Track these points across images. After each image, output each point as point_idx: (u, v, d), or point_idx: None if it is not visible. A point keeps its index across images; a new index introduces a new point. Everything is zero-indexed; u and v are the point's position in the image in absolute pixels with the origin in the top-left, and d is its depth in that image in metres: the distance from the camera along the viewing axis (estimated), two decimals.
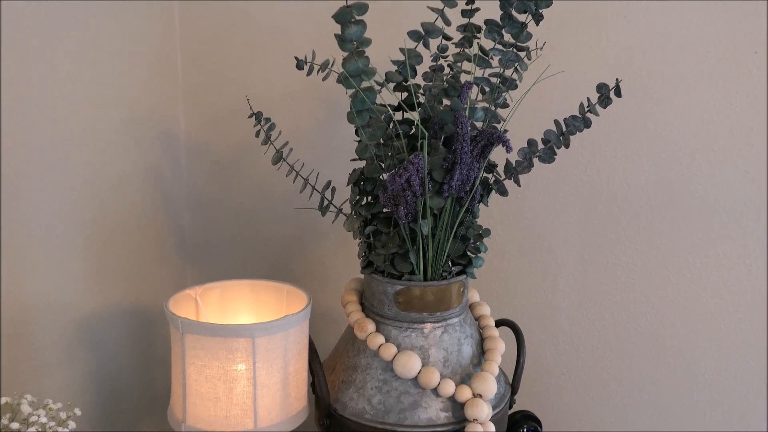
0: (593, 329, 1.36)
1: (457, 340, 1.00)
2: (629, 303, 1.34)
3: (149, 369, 1.28)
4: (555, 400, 1.40)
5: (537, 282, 1.34)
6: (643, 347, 1.36)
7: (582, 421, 1.41)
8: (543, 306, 1.35)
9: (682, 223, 1.29)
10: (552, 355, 1.38)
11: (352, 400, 0.99)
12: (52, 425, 0.90)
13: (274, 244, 1.38)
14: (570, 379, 1.39)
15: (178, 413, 0.98)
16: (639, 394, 1.39)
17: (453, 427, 0.97)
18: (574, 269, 1.34)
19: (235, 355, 0.93)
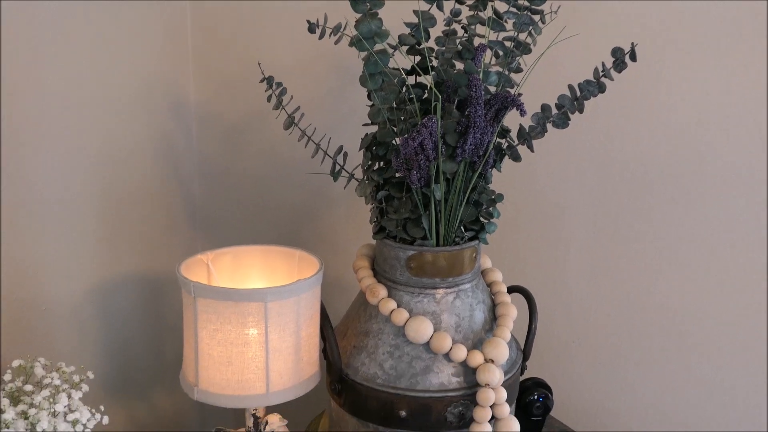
0: (605, 298, 1.36)
1: (469, 305, 1.00)
2: (641, 272, 1.34)
3: (161, 336, 1.28)
4: (566, 368, 1.39)
5: (549, 250, 1.34)
6: (655, 317, 1.36)
7: (592, 389, 1.41)
8: (554, 274, 1.35)
9: (695, 193, 1.28)
10: (563, 324, 1.38)
11: (363, 365, 0.99)
12: (66, 387, 0.90)
13: (285, 212, 1.38)
14: (581, 347, 1.39)
15: (190, 377, 0.98)
16: (650, 364, 1.38)
17: (464, 392, 0.97)
18: (587, 237, 1.33)
19: (247, 319, 0.93)
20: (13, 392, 0.91)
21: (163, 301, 1.28)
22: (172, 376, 1.27)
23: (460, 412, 0.97)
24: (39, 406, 0.87)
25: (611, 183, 1.30)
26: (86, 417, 0.89)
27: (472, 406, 0.96)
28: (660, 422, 1.42)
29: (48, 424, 0.85)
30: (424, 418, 0.97)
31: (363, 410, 0.99)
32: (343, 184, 1.06)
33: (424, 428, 0.97)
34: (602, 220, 1.32)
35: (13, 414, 0.85)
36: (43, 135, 1.04)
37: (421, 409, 0.96)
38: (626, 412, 1.42)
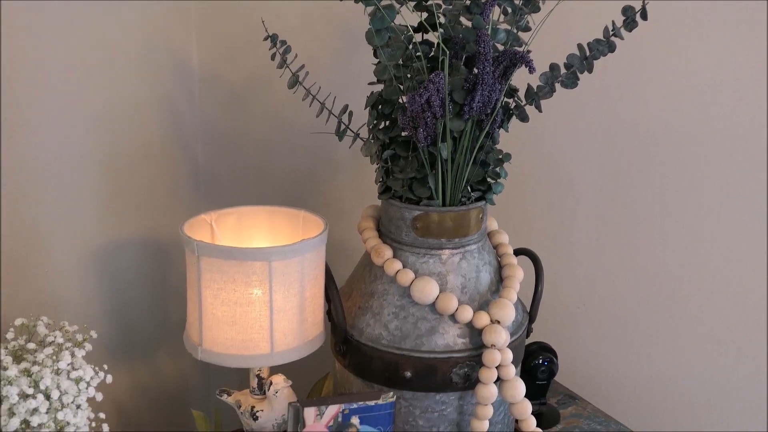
0: (611, 263, 1.35)
1: (475, 266, 0.99)
2: (648, 238, 1.33)
3: (164, 300, 1.28)
4: (571, 333, 1.39)
5: (555, 214, 1.33)
6: (661, 283, 1.35)
7: (597, 355, 1.41)
8: (560, 238, 1.34)
9: (704, 158, 1.27)
10: (569, 289, 1.37)
11: (368, 326, 0.99)
12: (69, 346, 0.90)
13: (289, 176, 1.37)
14: (586, 312, 1.38)
15: (194, 337, 0.97)
16: (655, 330, 1.38)
17: (470, 353, 0.96)
18: (594, 202, 1.32)
19: (251, 278, 0.92)
20: (15, 350, 0.90)
21: (167, 264, 1.27)
22: (175, 340, 1.26)
23: (465, 373, 0.96)
24: (42, 364, 0.86)
25: (619, 147, 1.28)
26: (90, 375, 0.88)
27: (478, 368, 0.96)
28: (665, 389, 1.41)
29: (51, 381, 0.84)
30: (429, 379, 0.96)
31: (368, 371, 0.98)
32: (348, 145, 1.05)
33: (429, 389, 0.97)
34: (609, 185, 1.30)
35: (16, 371, 0.84)
36: (43, 96, 1.03)
37: (426, 370, 0.96)
38: (631, 379, 1.42)
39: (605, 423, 1.29)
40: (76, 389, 0.86)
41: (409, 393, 0.97)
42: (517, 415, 0.97)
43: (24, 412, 0.83)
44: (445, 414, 0.98)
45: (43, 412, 0.84)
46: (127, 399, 1.25)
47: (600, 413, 1.32)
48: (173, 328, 1.27)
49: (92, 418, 0.90)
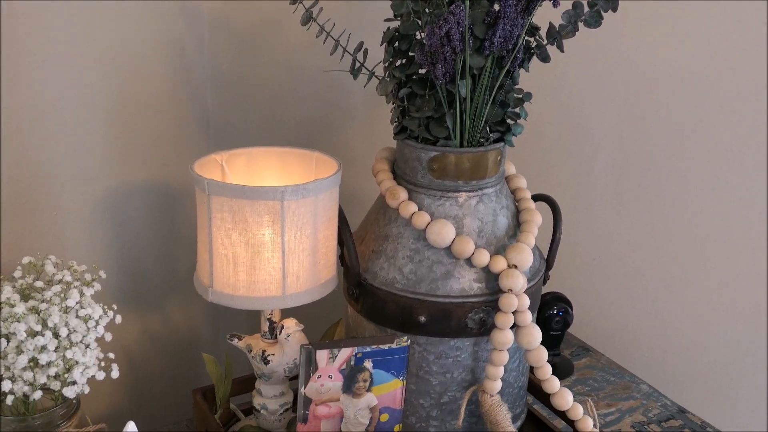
0: (628, 215, 1.32)
1: (492, 210, 0.96)
2: (666, 190, 1.30)
3: (173, 248, 1.26)
4: (585, 285, 1.37)
5: (572, 163, 1.30)
6: (677, 236, 1.33)
7: (611, 307, 1.39)
8: (577, 188, 1.31)
9: (725, 107, 1.23)
10: (584, 240, 1.35)
11: (382, 269, 0.96)
12: (77, 285, 0.88)
13: (300, 124, 1.34)
14: (601, 264, 1.36)
15: (204, 279, 0.95)
16: (671, 284, 1.36)
17: (486, 299, 0.94)
18: (612, 152, 1.29)
19: (263, 218, 0.89)
20: (23, 289, 0.88)
21: (176, 212, 1.25)
22: (185, 288, 1.25)
23: (480, 319, 0.94)
24: (50, 302, 0.84)
25: (638, 96, 1.25)
26: (98, 313, 0.86)
27: (494, 313, 0.94)
28: (678, 343, 1.40)
29: (59, 319, 0.83)
30: (444, 324, 0.94)
31: (381, 315, 0.96)
32: (363, 84, 1.02)
33: (443, 334, 0.95)
34: (628, 135, 1.27)
35: (24, 309, 0.83)
36: (50, 39, 1.00)
37: (441, 314, 0.94)
38: (645, 332, 1.40)
39: (619, 375, 1.28)
40: (85, 328, 0.85)
41: (423, 338, 0.95)
42: (533, 363, 0.96)
43: (32, 350, 0.81)
44: (459, 360, 0.96)
45: (52, 350, 0.82)
46: (136, 346, 1.24)
47: (614, 365, 1.30)
48: (182, 277, 1.26)
49: (101, 358, 0.88)
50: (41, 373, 0.82)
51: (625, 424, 1.17)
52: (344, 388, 0.90)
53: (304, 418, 0.90)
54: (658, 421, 1.18)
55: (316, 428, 0.91)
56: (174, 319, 1.28)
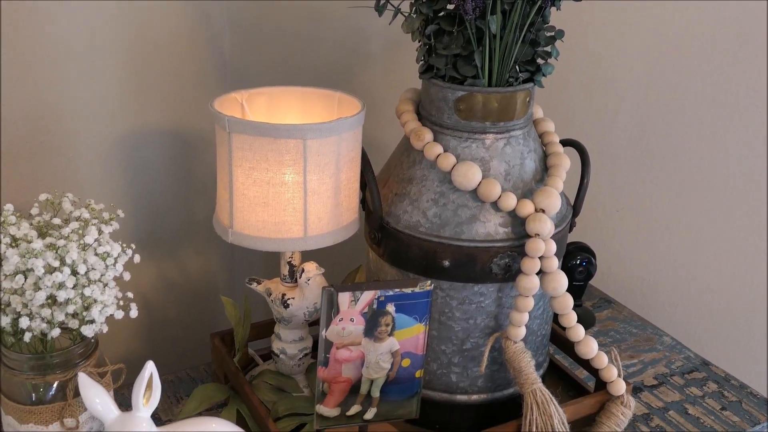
0: (651, 166, 1.29)
1: (519, 153, 0.94)
2: (691, 142, 1.27)
3: (190, 196, 1.24)
4: (608, 237, 1.35)
5: (597, 113, 1.27)
6: (702, 188, 1.30)
7: (634, 260, 1.37)
8: (601, 136, 1.28)
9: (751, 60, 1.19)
10: (607, 191, 1.32)
11: (406, 212, 0.94)
12: (95, 222, 0.86)
13: (319, 70, 1.31)
14: (624, 216, 1.33)
15: (224, 220, 0.93)
16: (695, 237, 1.33)
17: (512, 243, 0.92)
18: (637, 101, 1.25)
19: (284, 157, 0.87)
20: (40, 226, 0.86)
21: (193, 159, 1.23)
22: (202, 236, 1.23)
23: (506, 264, 0.92)
24: (68, 239, 0.83)
25: (666, 47, 1.21)
26: (117, 251, 0.84)
27: (519, 258, 0.92)
28: (701, 297, 1.37)
29: (77, 256, 0.81)
30: (468, 269, 0.92)
31: (404, 260, 0.94)
32: (388, 22, 0.98)
33: (467, 279, 0.93)
34: (654, 85, 1.24)
35: (41, 245, 0.81)
36: None
37: (465, 259, 0.92)
38: (667, 285, 1.38)
39: (642, 327, 1.26)
40: (103, 265, 0.83)
41: (447, 283, 0.93)
42: (558, 310, 0.94)
43: (50, 286, 0.80)
44: (482, 306, 0.94)
45: (70, 288, 0.81)
46: (153, 293, 1.23)
47: (636, 317, 1.28)
48: (199, 224, 1.24)
49: (120, 297, 0.87)
50: (59, 310, 0.81)
51: (648, 376, 1.16)
52: (366, 332, 0.88)
53: (324, 361, 0.88)
54: (681, 373, 1.16)
55: (337, 372, 0.89)
56: (191, 266, 1.26)
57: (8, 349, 0.85)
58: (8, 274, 0.81)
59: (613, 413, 0.98)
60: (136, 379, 0.83)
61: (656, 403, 1.10)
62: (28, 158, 1.03)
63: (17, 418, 0.86)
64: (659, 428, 1.06)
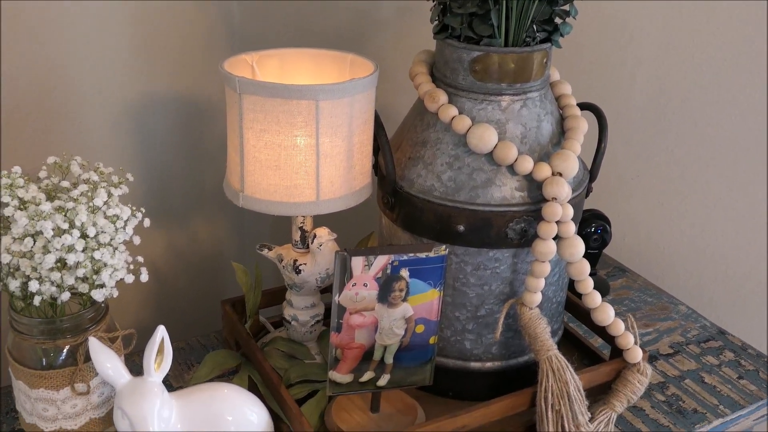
0: (669, 132, 1.27)
1: (536, 115, 0.92)
2: (710, 108, 1.24)
3: (199, 165, 1.22)
4: (622, 204, 1.33)
5: (614, 77, 1.24)
6: (721, 155, 1.27)
7: (649, 227, 1.35)
8: (617, 102, 1.26)
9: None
10: (624, 158, 1.30)
11: (420, 176, 0.92)
12: (104, 185, 0.84)
13: (330, 35, 1.28)
14: (640, 183, 1.31)
15: (235, 183, 0.92)
16: (712, 205, 1.31)
17: (528, 208, 0.90)
18: (654, 64, 1.23)
19: (296, 119, 0.85)
20: (49, 189, 0.85)
21: (202, 127, 1.21)
22: (211, 206, 1.22)
23: (522, 229, 0.90)
24: (77, 201, 0.81)
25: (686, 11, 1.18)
26: (127, 214, 0.83)
27: (535, 223, 0.90)
28: (717, 267, 1.36)
29: (87, 218, 0.80)
30: (484, 234, 0.90)
31: (417, 225, 0.93)
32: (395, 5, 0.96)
33: (482, 245, 0.91)
34: (672, 48, 1.21)
35: (50, 208, 0.79)
36: None
37: (480, 223, 0.90)
38: (684, 255, 1.36)
39: (656, 296, 1.25)
40: (113, 228, 0.82)
41: (461, 248, 0.92)
42: (575, 276, 0.92)
43: (59, 249, 0.78)
44: (498, 272, 0.93)
45: (79, 251, 0.79)
46: (162, 262, 1.22)
47: (651, 286, 1.27)
48: (208, 194, 1.22)
49: (130, 261, 0.85)
50: (69, 274, 0.80)
51: (663, 345, 1.14)
52: (379, 297, 0.87)
53: (337, 327, 0.87)
54: (698, 342, 1.15)
55: (350, 338, 0.88)
56: (200, 235, 1.25)
57: (18, 313, 0.84)
58: (17, 237, 0.80)
59: (629, 381, 0.96)
60: (147, 344, 0.82)
61: (672, 372, 1.09)
62: (34, 124, 1.01)
63: (28, 383, 0.85)
64: (675, 397, 1.04)
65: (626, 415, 1.01)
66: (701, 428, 0.99)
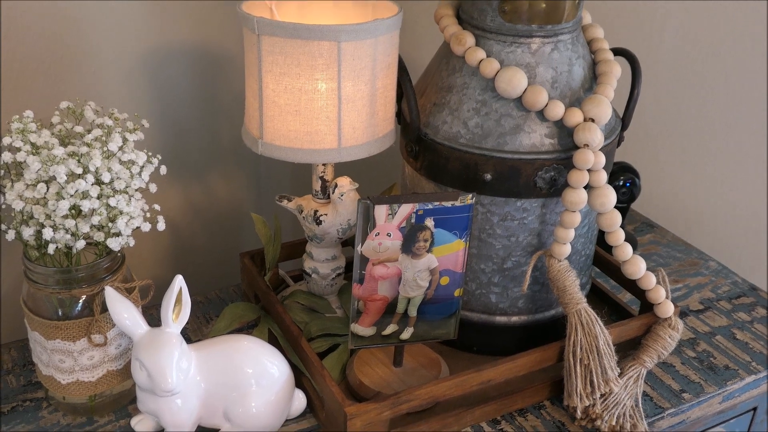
0: (699, 84, 1.22)
1: (567, 59, 0.88)
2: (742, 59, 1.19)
3: (216, 119, 1.19)
4: (650, 158, 1.28)
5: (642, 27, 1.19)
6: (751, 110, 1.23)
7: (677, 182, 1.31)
8: (646, 53, 1.21)
9: None
10: (651, 110, 1.25)
11: (445, 123, 0.89)
12: (119, 130, 0.82)
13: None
14: (669, 137, 1.27)
15: (253, 129, 0.89)
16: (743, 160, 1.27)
17: (558, 156, 0.87)
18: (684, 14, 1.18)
19: (317, 61, 0.82)
20: (63, 135, 0.82)
21: (218, 81, 1.18)
22: (227, 162, 1.19)
23: (551, 177, 0.87)
24: (91, 146, 0.78)
25: None
26: (143, 159, 0.80)
27: (566, 172, 0.86)
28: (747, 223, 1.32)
29: (101, 163, 0.77)
30: (512, 183, 0.87)
31: (443, 173, 0.89)
32: None
33: (510, 194, 0.88)
34: None
35: (63, 152, 0.77)
36: None
37: (508, 172, 0.87)
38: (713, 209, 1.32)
39: (686, 251, 1.21)
40: (128, 174, 0.79)
41: (488, 198, 0.89)
42: (605, 227, 0.88)
43: (73, 195, 0.76)
44: (525, 223, 0.90)
45: (94, 197, 0.77)
46: (180, 218, 1.19)
47: (680, 241, 1.23)
48: (224, 149, 1.19)
49: (147, 209, 0.83)
50: (84, 222, 0.77)
51: (693, 300, 1.11)
52: (403, 247, 0.84)
53: (360, 278, 0.85)
54: (729, 298, 1.12)
55: (373, 290, 0.86)
56: (217, 189, 1.22)
57: (33, 262, 0.81)
58: (30, 183, 0.77)
59: (660, 336, 0.93)
60: (165, 294, 0.80)
61: (702, 328, 1.06)
62: (48, 70, 0.98)
63: (43, 334, 0.83)
64: (706, 353, 1.01)
65: (656, 372, 0.98)
66: (733, 384, 0.96)
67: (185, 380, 0.79)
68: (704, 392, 0.95)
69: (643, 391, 0.94)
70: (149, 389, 0.79)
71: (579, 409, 0.89)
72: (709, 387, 0.96)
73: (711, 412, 0.97)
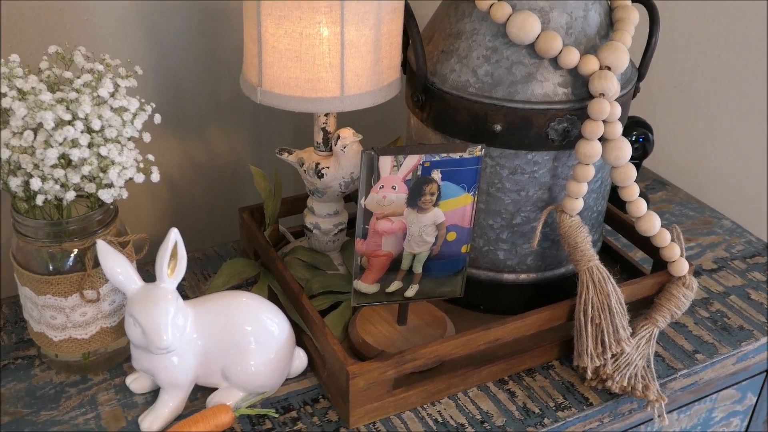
0: (714, 37, 1.18)
1: (583, 4, 0.83)
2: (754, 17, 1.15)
3: (215, 74, 1.14)
4: (662, 114, 1.24)
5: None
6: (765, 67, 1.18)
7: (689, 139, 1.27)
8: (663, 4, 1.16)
9: None
10: (664, 64, 1.21)
11: (453, 71, 0.85)
12: (111, 77, 0.77)
13: None
14: (682, 93, 1.23)
15: (252, 77, 0.84)
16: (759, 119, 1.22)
17: (572, 106, 0.83)
18: None
19: (319, 4, 0.77)
20: (51, 81, 0.78)
21: (217, 35, 1.13)
22: (226, 117, 1.15)
23: (564, 129, 0.83)
24: (80, 91, 0.74)
25: None
26: (135, 106, 0.76)
27: (579, 123, 0.83)
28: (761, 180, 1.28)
29: (90, 110, 0.73)
30: (523, 134, 0.83)
31: (451, 124, 0.85)
32: None
33: (520, 146, 0.84)
34: None
35: (51, 98, 0.73)
36: None
37: (519, 122, 0.83)
38: (726, 167, 1.28)
39: (699, 210, 1.18)
40: (120, 121, 0.75)
41: (497, 150, 0.85)
42: (619, 181, 0.85)
43: (61, 143, 0.72)
44: (536, 176, 0.86)
45: (84, 146, 0.73)
46: (178, 174, 1.16)
47: (693, 200, 1.20)
48: (223, 105, 1.15)
49: (140, 160, 0.79)
50: (74, 172, 0.73)
51: (707, 260, 1.08)
52: (409, 201, 0.80)
53: (363, 233, 0.81)
54: (743, 258, 1.08)
55: (377, 245, 0.82)
56: (215, 143, 1.18)
57: (22, 215, 0.78)
58: (16, 130, 0.73)
59: (673, 295, 0.90)
60: (160, 248, 0.76)
61: (716, 288, 1.03)
62: (38, 17, 0.93)
63: (34, 289, 0.80)
64: (720, 313, 0.98)
65: (668, 332, 0.95)
66: (748, 345, 0.94)
67: (181, 337, 0.76)
68: (718, 353, 0.92)
69: (655, 351, 0.91)
70: (144, 346, 0.76)
71: (589, 370, 0.86)
72: (722, 348, 0.93)
73: (724, 374, 0.94)
